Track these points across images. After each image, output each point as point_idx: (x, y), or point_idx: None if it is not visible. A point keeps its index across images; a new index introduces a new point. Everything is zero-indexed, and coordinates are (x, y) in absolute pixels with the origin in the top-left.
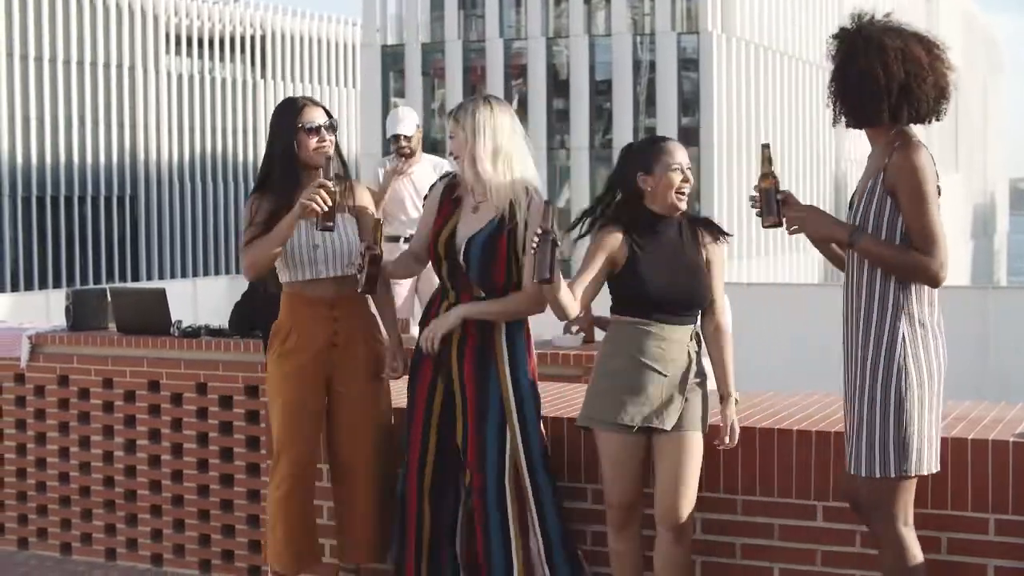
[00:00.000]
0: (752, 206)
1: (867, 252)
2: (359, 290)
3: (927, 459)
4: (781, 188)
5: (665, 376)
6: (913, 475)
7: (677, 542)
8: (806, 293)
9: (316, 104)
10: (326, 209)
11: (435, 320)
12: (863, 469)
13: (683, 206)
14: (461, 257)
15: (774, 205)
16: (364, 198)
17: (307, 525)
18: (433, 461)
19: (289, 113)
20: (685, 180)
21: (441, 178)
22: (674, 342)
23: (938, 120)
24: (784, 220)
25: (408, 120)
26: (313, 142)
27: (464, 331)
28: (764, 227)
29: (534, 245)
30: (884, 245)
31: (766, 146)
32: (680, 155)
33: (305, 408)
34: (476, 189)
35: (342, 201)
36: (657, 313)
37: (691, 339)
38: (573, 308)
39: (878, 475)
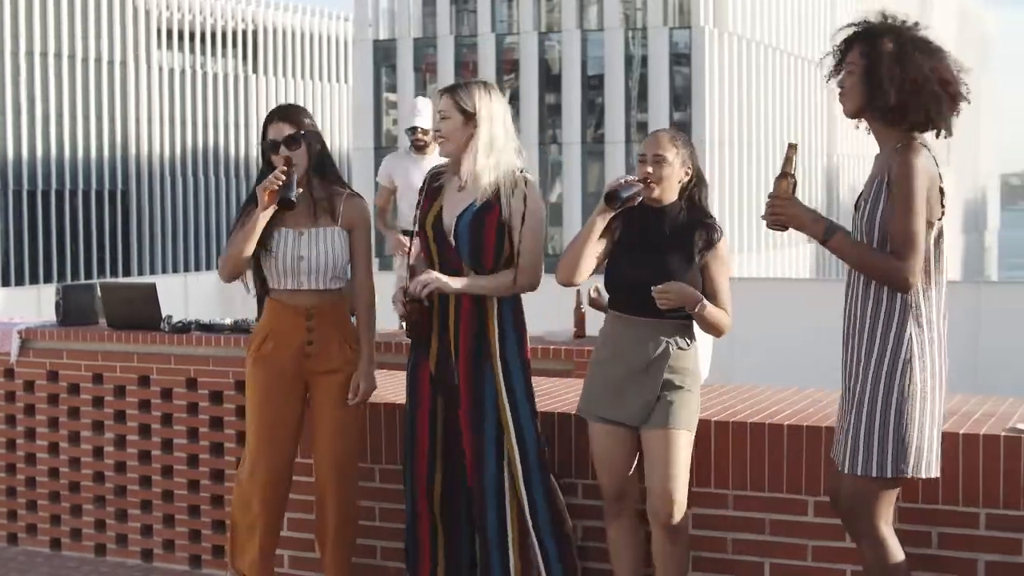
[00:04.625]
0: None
1: (838, 250)
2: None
3: (924, 462)
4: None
5: (621, 369)
6: (909, 476)
7: (671, 541)
8: (798, 288)
9: (285, 117)
10: (279, 185)
11: (438, 274)
12: (858, 468)
13: (654, 193)
14: (452, 236)
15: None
16: (358, 211)
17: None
18: (442, 468)
19: (264, 126)
20: (649, 168)
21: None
22: (640, 335)
23: (949, 135)
24: (768, 212)
25: (428, 112)
26: (275, 158)
27: (458, 315)
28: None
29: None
30: (856, 244)
31: (792, 145)
32: (650, 144)
33: (278, 419)
34: (463, 171)
35: (297, 175)
36: (622, 303)
37: (671, 334)
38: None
39: (874, 474)
